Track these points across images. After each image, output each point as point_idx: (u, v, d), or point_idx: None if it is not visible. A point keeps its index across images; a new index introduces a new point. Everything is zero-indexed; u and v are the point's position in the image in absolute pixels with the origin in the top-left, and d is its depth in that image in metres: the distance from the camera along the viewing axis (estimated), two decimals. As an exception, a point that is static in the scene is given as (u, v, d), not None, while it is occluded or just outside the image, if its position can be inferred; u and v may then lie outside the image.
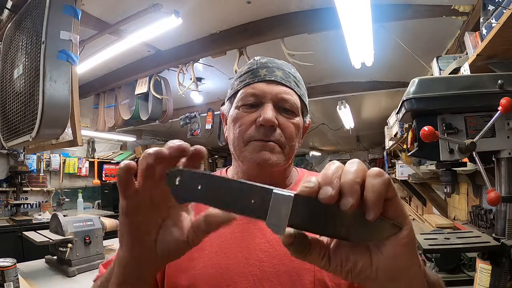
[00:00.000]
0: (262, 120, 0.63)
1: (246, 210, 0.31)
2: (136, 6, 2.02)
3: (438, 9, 1.98)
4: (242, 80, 0.70)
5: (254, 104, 0.66)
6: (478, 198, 2.35)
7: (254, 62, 0.71)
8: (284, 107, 0.66)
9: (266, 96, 0.66)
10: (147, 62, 2.94)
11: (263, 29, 2.30)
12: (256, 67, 0.69)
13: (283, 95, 0.66)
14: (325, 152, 9.58)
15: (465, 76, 1.27)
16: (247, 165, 0.67)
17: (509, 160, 0.89)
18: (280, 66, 0.70)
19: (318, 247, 0.32)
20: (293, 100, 0.67)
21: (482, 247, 0.89)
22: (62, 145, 1.61)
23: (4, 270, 1.37)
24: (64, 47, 1.28)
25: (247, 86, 0.68)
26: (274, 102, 0.66)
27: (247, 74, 0.69)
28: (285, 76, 0.68)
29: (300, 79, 0.73)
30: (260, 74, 0.67)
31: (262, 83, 0.67)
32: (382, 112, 4.23)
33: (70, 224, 1.92)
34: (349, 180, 0.29)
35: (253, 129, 0.65)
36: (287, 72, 0.70)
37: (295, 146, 0.69)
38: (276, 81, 0.67)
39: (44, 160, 4.45)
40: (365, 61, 2.24)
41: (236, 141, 0.67)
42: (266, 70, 0.68)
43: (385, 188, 0.29)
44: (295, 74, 0.72)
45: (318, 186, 0.30)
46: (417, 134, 0.92)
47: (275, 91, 0.66)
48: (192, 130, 3.90)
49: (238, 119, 0.67)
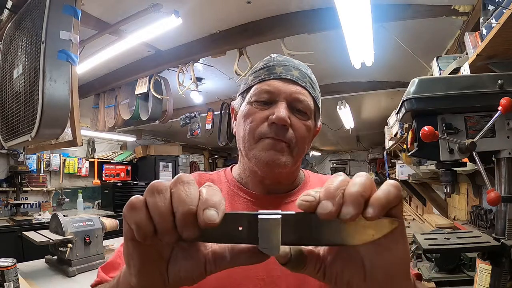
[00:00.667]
0: (275, 118, 0.61)
1: (236, 238, 0.30)
2: (136, 6, 2.02)
3: (438, 9, 1.98)
4: (257, 76, 0.68)
5: (267, 101, 0.65)
6: (478, 198, 2.35)
7: (270, 59, 0.70)
8: (298, 108, 0.65)
9: (280, 94, 0.64)
10: (147, 62, 2.94)
11: (263, 29, 2.30)
12: (272, 64, 0.68)
13: (298, 95, 0.65)
14: (325, 152, 9.58)
15: (465, 76, 1.27)
16: (255, 163, 0.65)
17: (509, 160, 0.89)
18: (297, 66, 0.69)
19: (313, 260, 0.33)
20: (307, 102, 0.65)
21: (482, 247, 0.89)
22: (62, 145, 1.61)
23: (4, 270, 1.36)
24: (64, 47, 1.28)
25: (262, 82, 0.66)
26: (288, 101, 0.64)
27: (263, 70, 0.68)
28: (301, 76, 0.67)
29: (315, 82, 0.72)
30: (276, 72, 0.66)
31: (277, 81, 0.65)
32: (382, 112, 4.23)
33: (70, 224, 1.92)
34: (354, 192, 0.28)
35: (265, 126, 0.63)
36: (304, 72, 0.68)
37: (305, 149, 0.68)
38: (292, 80, 0.65)
39: (44, 160, 4.45)
40: (365, 61, 2.24)
41: (246, 137, 0.65)
42: (283, 68, 0.67)
43: (397, 202, 0.29)
44: (311, 76, 0.71)
45: (318, 200, 0.29)
46: (417, 134, 0.92)
47: (290, 90, 0.64)
48: (192, 130, 3.90)
49: (250, 114, 0.65)
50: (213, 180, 0.74)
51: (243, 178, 0.72)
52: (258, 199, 0.68)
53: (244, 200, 0.68)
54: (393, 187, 0.29)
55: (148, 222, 0.30)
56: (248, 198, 0.69)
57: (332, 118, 4.63)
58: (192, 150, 7.38)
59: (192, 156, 7.21)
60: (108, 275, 0.66)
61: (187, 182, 0.31)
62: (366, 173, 0.31)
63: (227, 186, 0.72)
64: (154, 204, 0.29)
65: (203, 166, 7.62)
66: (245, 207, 0.67)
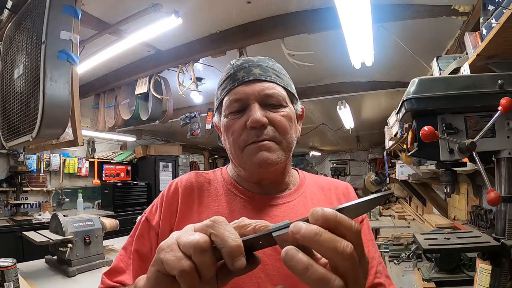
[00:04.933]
0: (250, 122, 0.63)
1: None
2: (136, 6, 2.02)
3: (438, 9, 1.98)
4: (223, 88, 0.69)
5: (240, 109, 0.66)
6: (478, 198, 2.35)
7: (230, 66, 0.71)
8: (270, 103, 0.66)
9: (249, 97, 0.65)
10: (147, 62, 2.94)
11: (263, 29, 2.30)
12: (233, 71, 0.69)
13: (265, 91, 0.65)
14: (325, 152, 9.58)
15: (465, 76, 1.27)
16: (249, 169, 0.67)
17: (509, 160, 0.89)
18: (257, 63, 0.69)
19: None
20: (277, 93, 0.66)
21: (482, 247, 0.89)
22: (62, 145, 1.61)
23: (4, 270, 1.36)
24: (64, 47, 1.28)
25: (229, 93, 0.67)
26: (258, 101, 0.65)
27: (227, 80, 0.69)
28: (263, 71, 0.68)
29: (280, 69, 0.72)
30: (239, 77, 0.67)
31: (242, 86, 0.66)
32: (382, 112, 4.23)
33: (70, 224, 1.92)
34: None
35: (245, 133, 0.65)
36: (265, 67, 0.69)
37: (292, 137, 0.68)
38: (255, 80, 0.66)
39: (44, 160, 4.44)
40: (365, 61, 2.24)
41: (232, 149, 0.67)
42: (244, 71, 0.67)
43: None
44: (274, 66, 0.71)
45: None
46: (417, 134, 0.92)
47: (257, 89, 0.65)
48: (192, 130, 3.90)
49: (229, 127, 0.67)
50: (210, 179, 0.75)
51: (238, 178, 0.74)
52: (254, 199, 0.69)
53: (241, 199, 0.70)
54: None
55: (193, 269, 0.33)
56: (244, 197, 0.70)
57: (332, 118, 4.64)
58: (192, 150, 7.39)
59: (192, 156, 7.21)
60: (112, 280, 0.67)
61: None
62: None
63: (224, 185, 0.73)
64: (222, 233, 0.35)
65: (203, 166, 7.62)
66: (241, 206, 0.68)
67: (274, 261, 0.61)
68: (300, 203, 0.70)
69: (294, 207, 0.69)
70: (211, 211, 0.67)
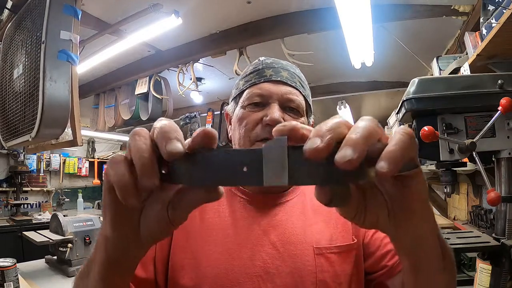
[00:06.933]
0: (269, 119, 0.63)
1: (240, 180, 0.27)
2: (136, 6, 2.02)
3: (438, 9, 1.98)
4: (247, 80, 0.70)
5: (260, 103, 0.67)
6: (478, 198, 2.35)
7: (259, 62, 0.72)
8: (290, 107, 0.67)
9: (272, 96, 0.66)
10: (147, 62, 2.95)
11: (263, 29, 2.30)
12: (261, 67, 0.70)
13: (289, 95, 0.66)
14: (325, 152, 9.57)
15: (465, 76, 1.27)
16: None
17: (509, 160, 0.89)
18: (285, 66, 0.71)
19: (356, 199, 0.31)
20: (298, 100, 0.67)
21: (482, 247, 0.89)
22: (62, 145, 1.61)
23: (4, 270, 1.36)
24: (64, 47, 1.28)
25: (253, 86, 0.68)
26: (280, 102, 0.66)
27: (253, 74, 0.70)
28: (290, 76, 0.69)
29: (304, 80, 0.74)
30: (266, 74, 0.68)
31: (268, 83, 0.67)
32: (382, 112, 4.22)
33: (70, 224, 1.92)
34: (354, 136, 0.25)
35: (259, 128, 0.65)
36: (292, 72, 0.70)
37: None
38: (282, 81, 0.67)
39: (44, 160, 4.44)
40: (365, 61, 2.24)
41: (242, 140, 0.67)
42: (272, 70, 0.69)
43: (413, 154, 0.27)
44: (300, 75, 0.73)
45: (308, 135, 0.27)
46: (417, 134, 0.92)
47: (281, 91, 0.66)
48: (192, 130, 3.89)
49: (244, 118, 0.67)
50: None
51: None
52: (254, 199, 0.69)
53: (241, 199, 0.70)
54: (408, 137, 0.26)
55: (129, 171, 0.29)
56: (244, 197, 0.70)
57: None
58: (192, 150, 7.38)
59: (192, 156, 7.21)
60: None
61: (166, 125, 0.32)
62: (371, 117, 0.27)
63: None
64: (135, 145, 0.29)
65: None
66: (241, 206, 0.68)
67: (273, 259, 0.61)
68: (299, 201, 0.71)
69: (294, 205, 0.69)
70: (211, 210, 0.68)
